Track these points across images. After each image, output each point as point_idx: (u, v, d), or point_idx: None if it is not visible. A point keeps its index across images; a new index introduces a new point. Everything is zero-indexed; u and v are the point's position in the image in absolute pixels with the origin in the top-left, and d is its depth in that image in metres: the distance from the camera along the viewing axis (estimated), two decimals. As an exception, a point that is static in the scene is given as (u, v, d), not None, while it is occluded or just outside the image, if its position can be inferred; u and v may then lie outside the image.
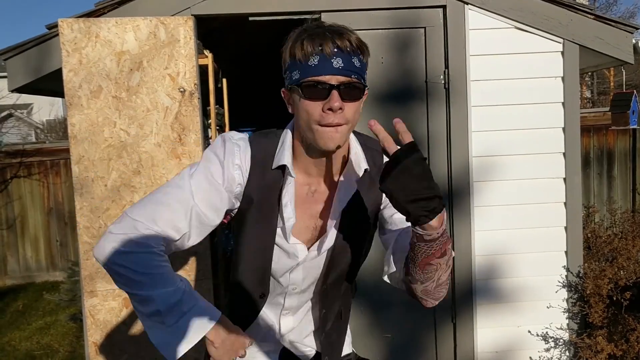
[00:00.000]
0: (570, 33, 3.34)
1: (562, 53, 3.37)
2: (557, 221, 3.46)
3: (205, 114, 3.51)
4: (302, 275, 1.41)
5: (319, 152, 1.27)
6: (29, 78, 3.15)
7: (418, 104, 3.38)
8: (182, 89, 2.97)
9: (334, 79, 1.17)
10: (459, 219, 3.41)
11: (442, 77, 3.36)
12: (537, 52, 3.38)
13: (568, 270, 3.45)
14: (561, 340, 3.48)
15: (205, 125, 3.58)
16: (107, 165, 2.95)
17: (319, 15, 3.26)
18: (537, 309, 3.48)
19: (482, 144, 3.39)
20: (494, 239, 3.44)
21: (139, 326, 3.01)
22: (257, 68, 5.68)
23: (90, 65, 2.91)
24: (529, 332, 3.49)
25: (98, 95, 2.93)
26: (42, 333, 5.40)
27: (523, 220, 3.44)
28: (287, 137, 1.33)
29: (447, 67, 3.35)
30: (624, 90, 10.47)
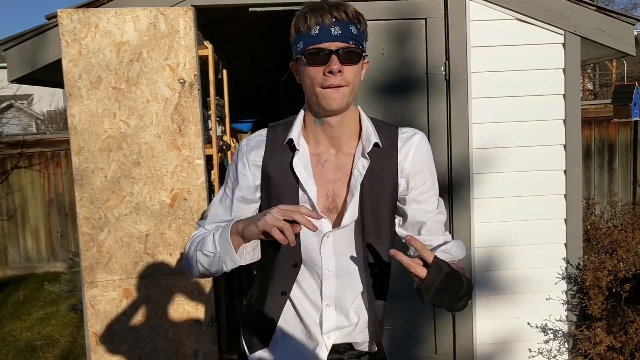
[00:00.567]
0: (571, 25, 3.33)
1: (564, 45, 3.36)
2: (557, 213, 3.46)
3: (205, 105, 3.51)
4: (332, 251, 1.43)
5: (324, 114, 1.37)
6: (27, 69, 3.14)
7: (419, 96, 3.37)
8: (182, 80, 2.97)
9: (332, 45, 1.29)
10: (458, 211, 3.41)
11: (442, 68, 3.35)
12: (538, 43, 3.37)
13: (568, 262, 3.46)
14: (560, 332, 3.49)
15: (205, 116, 3.57)
16: (107, 157, 2.95)
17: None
18: (536, 301, 3.49)
19: (483, 135, 3.38)
20: (493, 230, 3.44)
21: (139, 317, 3.03)
22: (257, 59, 5.66)
23: (90, 56, 2.90)
24: (528, 323, 3.50)
25: (98, 86, 2.92)
26: (43, 323, 5.42)
27: (523, 212, 3.44)
28: (300, 114, 1.44)
29: (447, 58, 3.33)
30: (626, 83, 10.44)
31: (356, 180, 1.39)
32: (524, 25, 3.34)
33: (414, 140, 1.44)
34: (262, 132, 1.47)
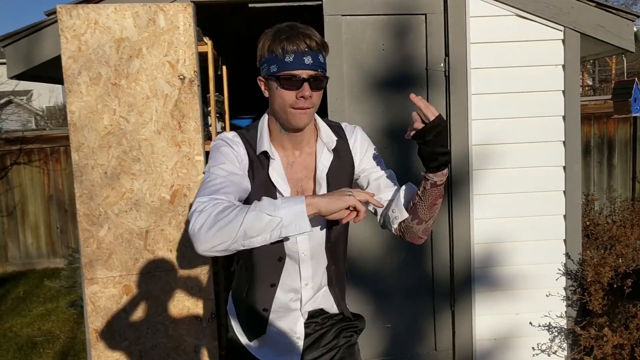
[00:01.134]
0: (571, 21, 3.32)
1: (563, 41, 3.35)
2: (556, 209, 3.46)
3: (204, 102, 3.51)
4: (307, 236, 1.64)
5: (290, 129, 1.59)
6: (25, 66, 3.14)
7: (418, 92, 3.34)
8: (181, 76, 2.96)
9: (304, 73, 1.48)
10: (458, 207, 3.41)
11: (442, 64, 3.35)
12: (538, 40, 3.37)
13: (569, 257, 3.46)
14: (560, 328, 3.50)
15: (205, 112, 3.57)
16: (107, 153, 2.95)
17: (320, 1, 3.24)
18: (535, 297, 3.50)
19: (482, 132, 3.38)
20: (493, 227, 3.45)
21: (139, 313, 3.03)
22: (257, 55, 5.64)
23: (89, 52, 2.90)
24: (528, 319, 3.51)
25: (97, 82, 2.92)
26: (43, 319, 5.43)
27: (522, 209, 3.44)
28: (264, 124, 1.65)
29: (447, 54, 3.33)
30: (626, 78, 10.43)
31: (321, 172, 1.65)
32: (523, 21, 3.34)
33: (356, 129, 1.74)
34: (236, 136, 1.65)
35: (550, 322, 3.51)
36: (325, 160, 1.66)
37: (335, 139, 1.67)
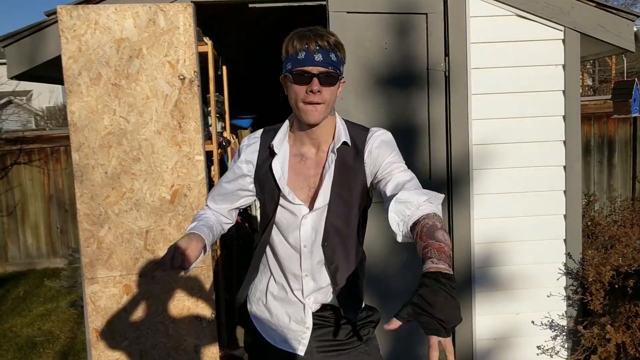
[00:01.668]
0: (571, 21, 3.32)
1: (563, 41, 3.35)
2: (556, 209, 3.46)
3: (205, 102, 3.51)
4: (309, 231, 1.73)
5: (305, 125, 1.67)
6: (26, 66, 3.14)
7: (419, 91, 3.37)
8: (181, 77, 2.97)
9: (315, 69, 1.58)
10: (458, 207, 3.41)
11: (442, 64, 3.35)
12: (538, 40, 3.37)
13: (569, 257, 3.46)
14: (561, 328, 3.50)
15: (205, 112, 3.57)
16: (107, 153, 2.95)
17: (320, 1, 3.24)
18: (535, 297, 3.50)
19: (482, 131, 3.38)
20: (493, 226, 3.45)
21: (139, 313, 3.03)
22: (257, 55, 5.66)
23: (89, 52, 2.90)
24: (528, 319, 3.51)
25: (97, 83, 2.92)
26: (43, 319, 5.42)
27: (522, 208, 3.44)
28: (286, 122, 1.76)
29: (447, 54, 3.33)
30: (626, 78, 10.43)
31: (326, 171, 1.71)
32: (523, 21, 3.34)
33: (378, 132, 1.74)
34: (258, 133, 1.80)
35: (550, 322, 3.51)
36: (330, 160, 1.72)
37: (342, 140, 1.71)
